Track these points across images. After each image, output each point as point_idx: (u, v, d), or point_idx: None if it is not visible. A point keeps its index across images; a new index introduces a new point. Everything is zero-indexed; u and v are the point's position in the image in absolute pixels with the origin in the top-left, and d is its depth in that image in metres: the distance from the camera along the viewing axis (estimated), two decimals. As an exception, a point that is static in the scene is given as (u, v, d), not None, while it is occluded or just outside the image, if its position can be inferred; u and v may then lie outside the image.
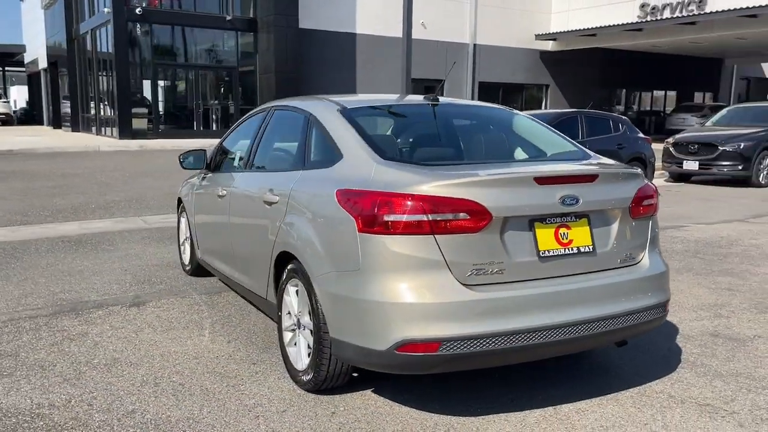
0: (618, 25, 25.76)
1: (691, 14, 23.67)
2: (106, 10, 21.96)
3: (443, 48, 26.73)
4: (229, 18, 23.27)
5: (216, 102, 24.54)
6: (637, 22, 25.36)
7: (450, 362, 2.59)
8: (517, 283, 2.68)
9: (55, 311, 4.46)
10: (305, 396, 3.14)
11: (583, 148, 3.52)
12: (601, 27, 26.40)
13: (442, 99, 3.64)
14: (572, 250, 2.80)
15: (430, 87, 26.39)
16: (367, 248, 2.68)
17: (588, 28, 26.99)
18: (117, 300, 4.75)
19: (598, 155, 3.42)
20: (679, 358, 3.67)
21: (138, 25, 22.35)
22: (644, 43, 28.04)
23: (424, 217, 2.57)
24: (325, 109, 3.48)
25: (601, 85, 32.22)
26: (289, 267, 3.26)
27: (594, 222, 2.88)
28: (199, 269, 5.25)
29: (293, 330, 3.33)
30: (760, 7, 21.36)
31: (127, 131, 22.27)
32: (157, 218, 8.43)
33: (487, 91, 28.59)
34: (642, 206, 3.02)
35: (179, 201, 5.63)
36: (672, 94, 35.17)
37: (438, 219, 2.58)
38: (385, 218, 2.62)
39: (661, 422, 2.88)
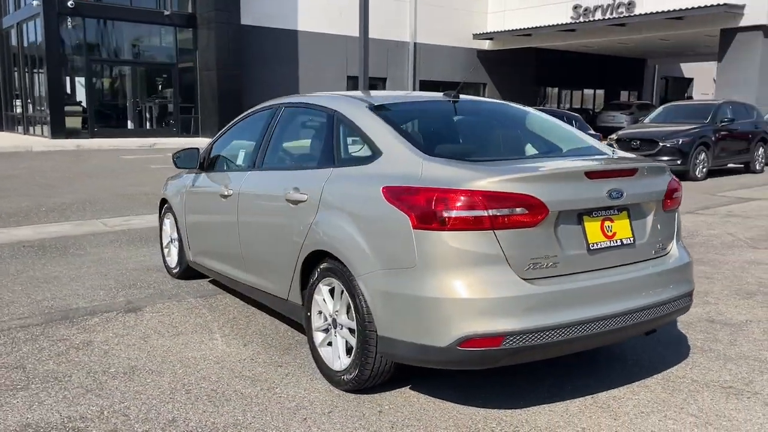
0: (552, 25, 26.57)
1: (621, 16, 24.70)
2: (35, 2, 20.84)
3: (384, 46, 26.84)
4: (167, 13, 22.56)
5: (154, 100, 23.74)
6: (570, 23, 26.23)
7: (512, 356, 2.63)
8: (570, 275, 2.75)
9: (47, 320, 4.23)
10: (345, 396, 3.10)
11: (598, 143, 3.63)
12: (536, 27, 27.16)
13: (462, 97, 3.66)
14: (616, 242, 2.90)
15: (373, 85, 26.49)
16: (424, 245, 2.68)
17: (523, 28, 27.72)
18: (109, 306, 4.55)
19: (616, 150, 3.55)
20: (687, 344, 3.84)
21: (69, 19, 21.34)
22: (576, 44, 29.06)
23: (484, 213, 2.60)
24: (352, 106, 3.44)
25: (535, 83, 33.17)
26: (322, 266, 3.21)
27: (633, 215, 2.99)
28: (187, 272, 5.10)
29: (326, 330, 3.28)
30: (686, 9, 22.52)
31: (60, 130, 21.25)
32: (117, 221, 8.10)
33: (428, 89, 28.89)
34: (671, 199, 3.15)
35: (162, 202, 5.43)
36: (600, 92, 36.58)
37: (497, 214, 2.60)
38: (444, 214, 2.63)
39: (695, 406, 3.02)
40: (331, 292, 3.21)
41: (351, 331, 3.07)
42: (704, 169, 13.50)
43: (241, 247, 4.06)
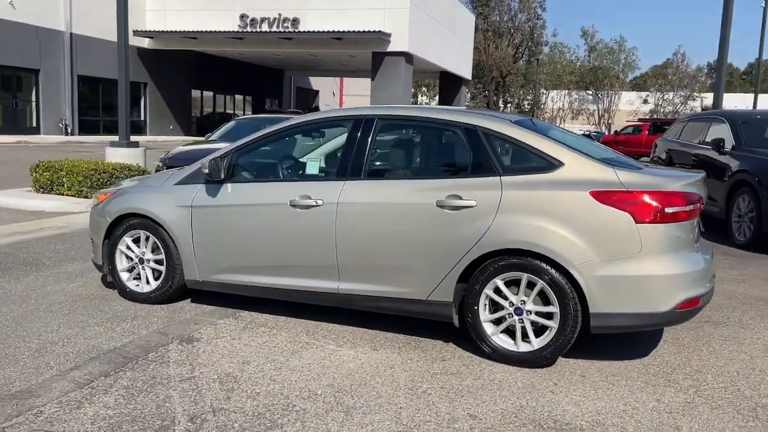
0: (220, 31, 27.08)
1: (287, 31, 26.68)
2: None
3: (35, 33, 23.56)
4: None
5: None
6: (238, 32, 27.14)
7: (700, 310, 3.76)
8: (700, 252, 3.97)
9: (116, 365, 3.54)
10: (526, 370, 3.70)
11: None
12: (201, 31, 27.24)
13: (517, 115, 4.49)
14: (703, 229, 4.23)
15: (19, 77, 23.16)
16: (647, 235, 3.53)
17: (188, 31, 27.50)
18: (159, 342, 3.95)
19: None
20: (658, 338, 4.35)
21: None
22: (233, 51, 30.01)
23: (686, 208, 3.62)
24: (496, 122, 3.99)
25: (196, 86, 33.05)
26: (501, 263, 3.72)
27: None
28: (173, 294, 4.64)
29: (499, 320, 3.78)
30: (346, 31, 25.68)
31: None
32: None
33: (88, 85, 26.32)
34: None
35: (121, 219, 4.71)
36: (249, 98, 38.33)
37: (689, 209, 3.66)
38: (666, 210, 3.55)
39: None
40: (507, 284, 3.75)
41: (538, 314, 3.70)
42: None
43: (338, 258, 4.10)
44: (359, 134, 4.23)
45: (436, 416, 3.09)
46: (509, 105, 57.73)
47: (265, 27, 26.98)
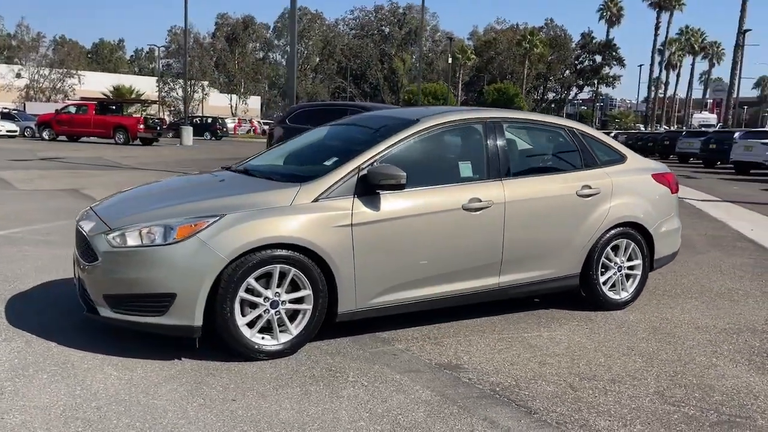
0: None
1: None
2: None
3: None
4: None
5: None
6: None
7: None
8: None
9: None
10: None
11: None
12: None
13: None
14: None
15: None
16: (674, 202, 5.35)
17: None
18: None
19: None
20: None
21: None
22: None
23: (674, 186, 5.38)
24: (581, 125, 5.25)
25: None
26: (612, 233, 4.84)
27: None
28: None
29: (609, 277, 4.95)
30: None
31: None
32: None
33: None
34: None
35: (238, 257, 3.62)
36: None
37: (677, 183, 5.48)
38: (677, 185, 5.40)
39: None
40: (614, 249, 4.91)
41: (629, 267, 5.03)
42: None
43: (503, 254, 4.38)
44: (495, 136, 4.52)
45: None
46: None
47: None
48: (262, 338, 3.73)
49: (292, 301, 3.76)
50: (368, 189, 3.91)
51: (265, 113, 78.35)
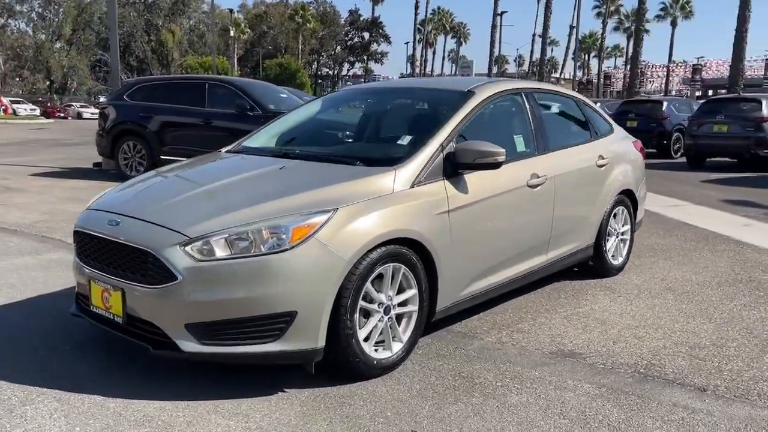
0: None
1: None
2: None
3: None
4: None
5: None
6: None
7: None
8: None
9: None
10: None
11: None
12: None
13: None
14: None
15: None
16: (644, 166, 5.55)
17: None
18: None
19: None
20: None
21: None
22: None
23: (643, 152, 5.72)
24: (583, 96, 5.40)
25: None
26: (615, 198, 4.95)
27: None
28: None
29: (611, 240, 5.06)
30: None
31: None
32: None
33: None
34: None
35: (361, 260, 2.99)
36: None
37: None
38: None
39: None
40: (614, 216, 5.04)
41: (623, 233, 5.19)
42: None
43: (552, 230, 4.25)
44: (534, 108, 4.35)
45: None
46: None
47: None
48: (376, 350, 3.15)
49: (400, 304, 3.25)
50: (454, 170, 3.51)
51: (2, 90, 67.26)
